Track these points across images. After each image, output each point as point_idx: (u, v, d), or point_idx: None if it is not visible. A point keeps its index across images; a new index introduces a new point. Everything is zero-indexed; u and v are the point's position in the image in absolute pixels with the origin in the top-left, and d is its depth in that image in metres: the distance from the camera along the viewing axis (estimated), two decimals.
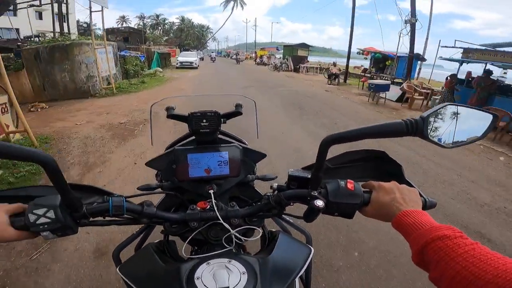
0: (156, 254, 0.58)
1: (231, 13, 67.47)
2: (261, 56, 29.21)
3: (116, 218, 0.58)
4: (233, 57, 46.66)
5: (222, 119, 0.74)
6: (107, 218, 0.57)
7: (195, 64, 19.81)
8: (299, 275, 0.54)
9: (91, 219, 0.55)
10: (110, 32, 43.08)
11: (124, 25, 65.32)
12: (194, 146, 0.76)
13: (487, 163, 4.12)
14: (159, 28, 78.53)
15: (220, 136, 0.79)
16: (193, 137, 0.79)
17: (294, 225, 0.80)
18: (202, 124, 0.71)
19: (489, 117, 0.51)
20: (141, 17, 79.18)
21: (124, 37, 41.59)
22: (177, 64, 19.68)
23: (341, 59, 21.83)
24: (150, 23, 76.90)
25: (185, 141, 0.84)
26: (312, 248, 0.60)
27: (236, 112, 0.78)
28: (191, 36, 79.87)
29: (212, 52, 59.81)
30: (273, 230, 0.72)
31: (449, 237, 0.39)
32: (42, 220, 0.48)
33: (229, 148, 0.75)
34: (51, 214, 0.48)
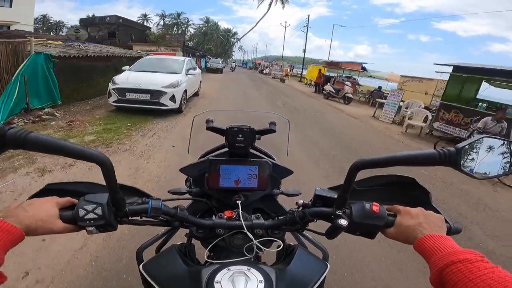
0: (181, 256, 0.60)
1: (268, 10, 53.65)
2: (328, 79, 14.10)
3: (152, 219, 0.60)
4: (264, 71, 32.79)
5: (256, 135, 0.76)
6: (143, 219, 0.60)
7: (174, 102, 6.08)
8: None
9: (130, 218, 0.57)
10: (89, 23, 30.67)
11: (143, 22, 53.59)
12: (227, 157, 0.78)
13: None
14: (181, 29, 66.13)
15: (251, 150, 0.81)
16: (227, 149, 0.80)
17: (312, 241, 0.81)
18: (238, 138, 0.74)
19: None
20: (162, 16, 67.11)
21: (110, 31, 28.91)
22: (109, 96, 5.92)
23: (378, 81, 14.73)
24: (169, 23, 64.80)
25: (218, 152, 0.86)
26: (328, 265, 0.62)
27: (270, 130, 0.81)
28: (214, 41, 66.99)
29: (233, 62, 55.62)
30: (291, 243, 0.73)
31: (470, 260, 0.40)
32: (90, 215, 0.51)
33: (259, 163, 0.77)
34: (98, 210, 0.51)
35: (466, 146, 0.49)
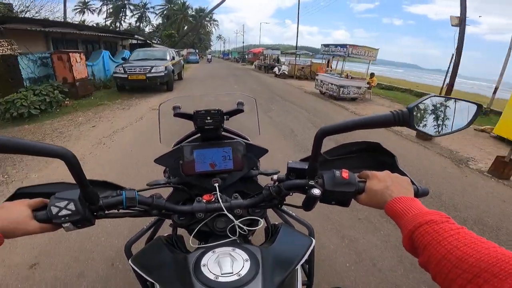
0: (167, 246, 0.65)
1: None
2: None
3: (129, 211, 0.65)
4: (280, 70, 15.85)
5: (225, 116, 0.81)
6: (120, 211, 0.64)
7: None
8: (299, 264, 0.60)
9: (106, 211, 0.61)
10: None
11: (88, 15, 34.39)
12: (199, 142, 0.85)
13: None
14: (136, 16, 45.29)
15: (224, 133, 0.88)
16: (199, 134, 0.88)
17: (296, 218, 0.89)
18: (206, 121, 0.78)
19: (474, 107, 0.57)
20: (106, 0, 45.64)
21: None
22: None
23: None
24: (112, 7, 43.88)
25: (191, 138, 0.92)
26: (313, 240, 0.66)
27: (238, 110, 0.85)
28: (178, 25, 46.12)
29: (209, 54, 54.24)
30: (276, 223, 0.78)
31: (436, 221, 0.43)
32: (64, 212, 0.54)
33: (232, 144, 0.83)
34: (71, 206, 0.54)
35: (417, 106, 0.54)
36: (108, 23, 47.24)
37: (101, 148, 3.83)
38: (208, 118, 0.76)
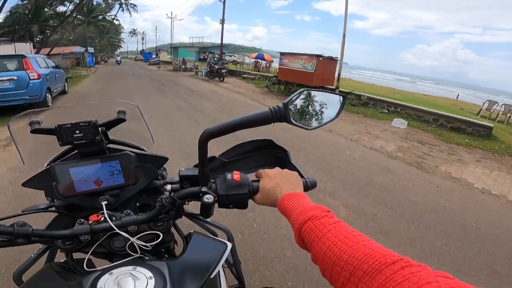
0: (60, 273, 0.62)
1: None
2: None
3: None
4: None
5: (100, 128, 0.72)
6: None
7: None
8: (215, 271, 0.59)
9: None
10: None
11: None
12: (77, 159, 0.75)
13: None
14: None
15: (111, 145, 0.80)
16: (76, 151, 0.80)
17: (212, 223, 0.88)
18: (75, 135, 0.68)
19: (340, 98, 0.60)
20: None
21: None
22: None
23: None
24: None
25: (68, 156, 0.81)
26: (228, 244, 0.68)
27: (119, 119, 0.75)
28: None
29: (118, 56, 48.69)
30: (191, 232, 0.76)
31: (316, 217, 0.45)
32: None
33: (119, 157, 0.74)
34: None
35: (291, 100, 0.55)
36: None
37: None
38: (77, 132, 0.66)
